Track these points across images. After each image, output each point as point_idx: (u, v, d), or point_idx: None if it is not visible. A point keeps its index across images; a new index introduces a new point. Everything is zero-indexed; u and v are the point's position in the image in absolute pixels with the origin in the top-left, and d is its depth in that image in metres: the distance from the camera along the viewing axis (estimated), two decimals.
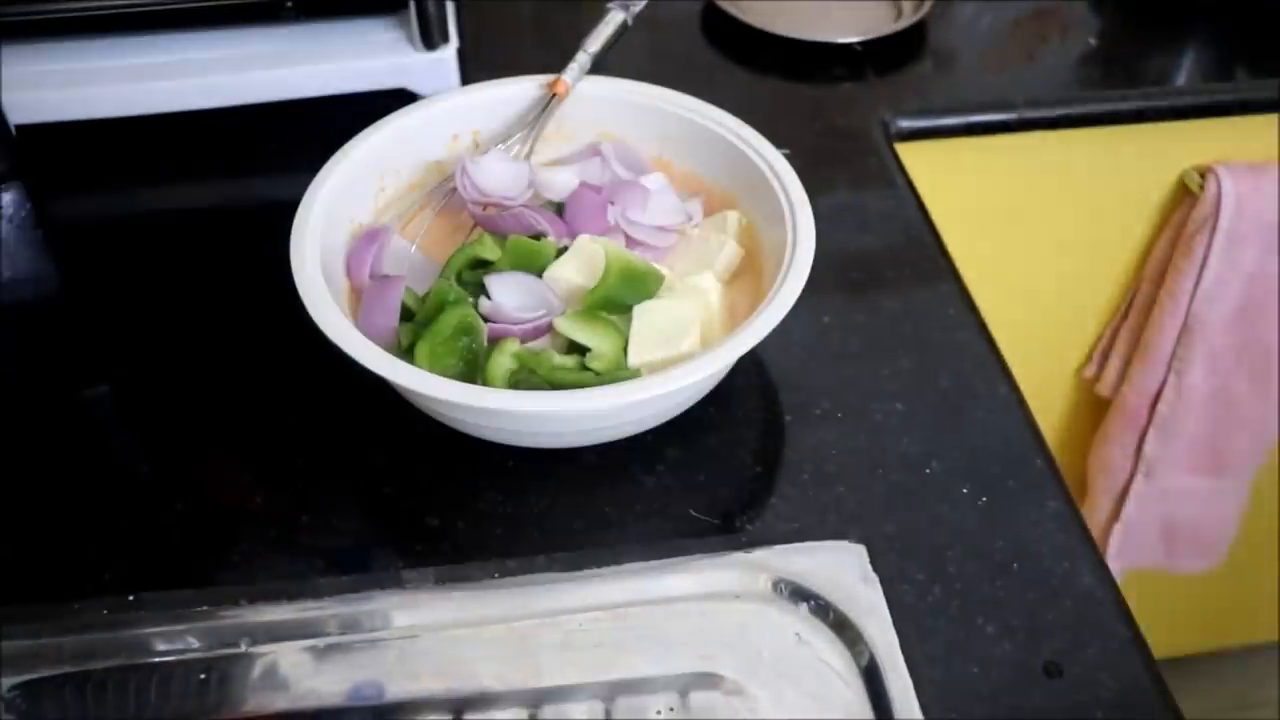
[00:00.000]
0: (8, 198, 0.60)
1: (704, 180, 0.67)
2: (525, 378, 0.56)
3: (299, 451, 0.58)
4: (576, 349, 0.57)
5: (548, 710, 0.56)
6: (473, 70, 0.81)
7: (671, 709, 0.57)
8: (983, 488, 0.57)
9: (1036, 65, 0.92)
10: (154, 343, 0.64)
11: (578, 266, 0.60)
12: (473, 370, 0.56)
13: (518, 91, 0.68)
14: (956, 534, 0.55)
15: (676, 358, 0.56)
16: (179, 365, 0.63)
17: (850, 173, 0.78)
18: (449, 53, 0.76)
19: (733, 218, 0.63)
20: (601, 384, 0.53)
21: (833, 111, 0.84)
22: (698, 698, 0.56)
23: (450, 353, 0.56)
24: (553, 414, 0.53)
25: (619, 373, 0.56)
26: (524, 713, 0.56)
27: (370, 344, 0.53)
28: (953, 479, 0.58)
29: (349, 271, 0.61)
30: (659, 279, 0.60)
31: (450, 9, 0.77)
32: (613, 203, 0.63)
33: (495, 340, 0.57)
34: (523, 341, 0.57)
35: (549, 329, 0.58)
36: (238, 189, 0.77)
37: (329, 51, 0.75)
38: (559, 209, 0.65)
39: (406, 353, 0.57)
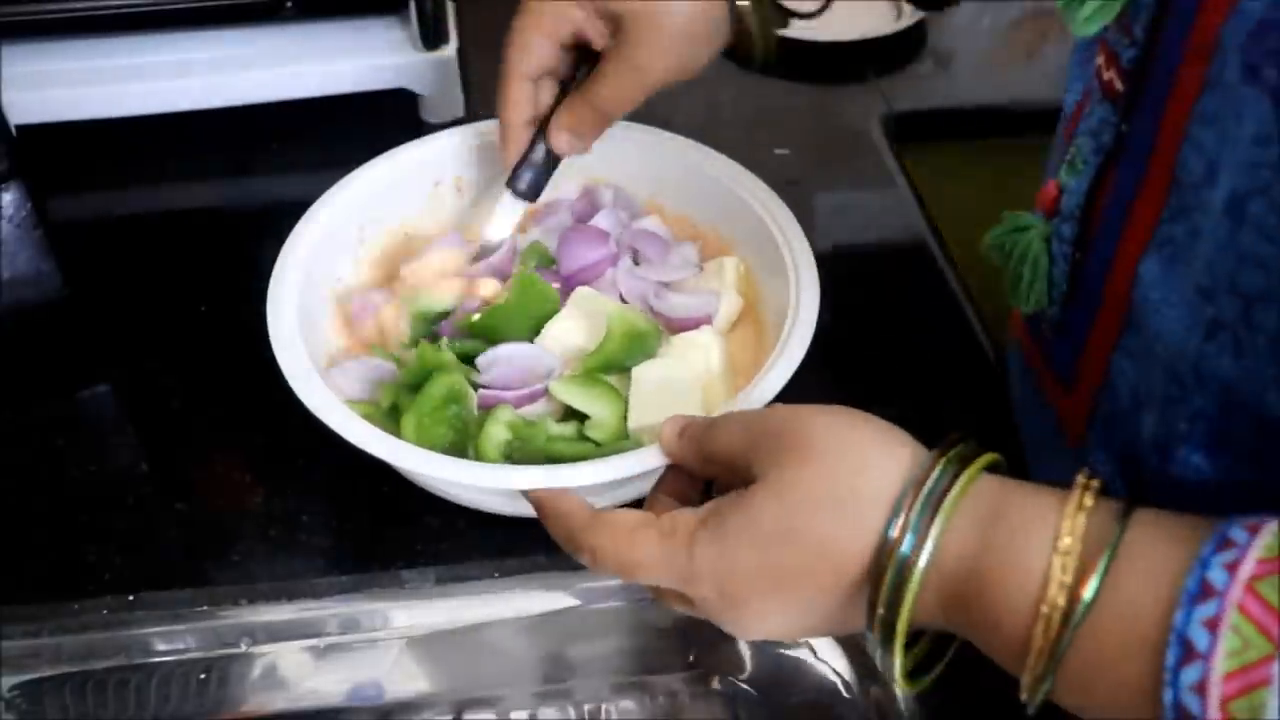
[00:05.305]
0: (8, 197, 0.60)
1: (699, 225, 0.64)
2: (520, 448, 0.52)
3: (299, 451, 0.58)
4: (574, 413, 0.54)
5: (548, 709, 0.56)
6: (473, 70, 0.80)
7: (670, 706, 0.57)
8: None
9: (1036, 65, 0.92)
10: (154, 343, 0.64)
11: (576, 324, 0.57)
12: (463, 439, 0.53)
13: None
14: None
15: None
16: (179, 365, 0.63)
17: (850, 173, 0.78)
18: (449, 53, 0.76)
19: (730, 265, 0.61)
20: (602, 454, 0.50)
21: (833, 111, 0.84)
22: (697, 697, 0.56)
23: (439, 422, 0.53)
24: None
25: (620, 443, 0.52)
26: (524, 712, 0.56)
27: (361, 421, 0.49)
28: None
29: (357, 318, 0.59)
30: (658, 335, 0.57)
31: (450, 9, 0.77)
32: (636, 255, 0.61)
33: (487, 408, 0.53)
34: (516, 408, 0.54)
35: (544, 394, 0.55)
36: (238, 189, 0.77)
37: (329, 52, 0.75)
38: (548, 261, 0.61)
39: (388, 414, 0.54)
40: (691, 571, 0.39)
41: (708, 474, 0.44)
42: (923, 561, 0.35)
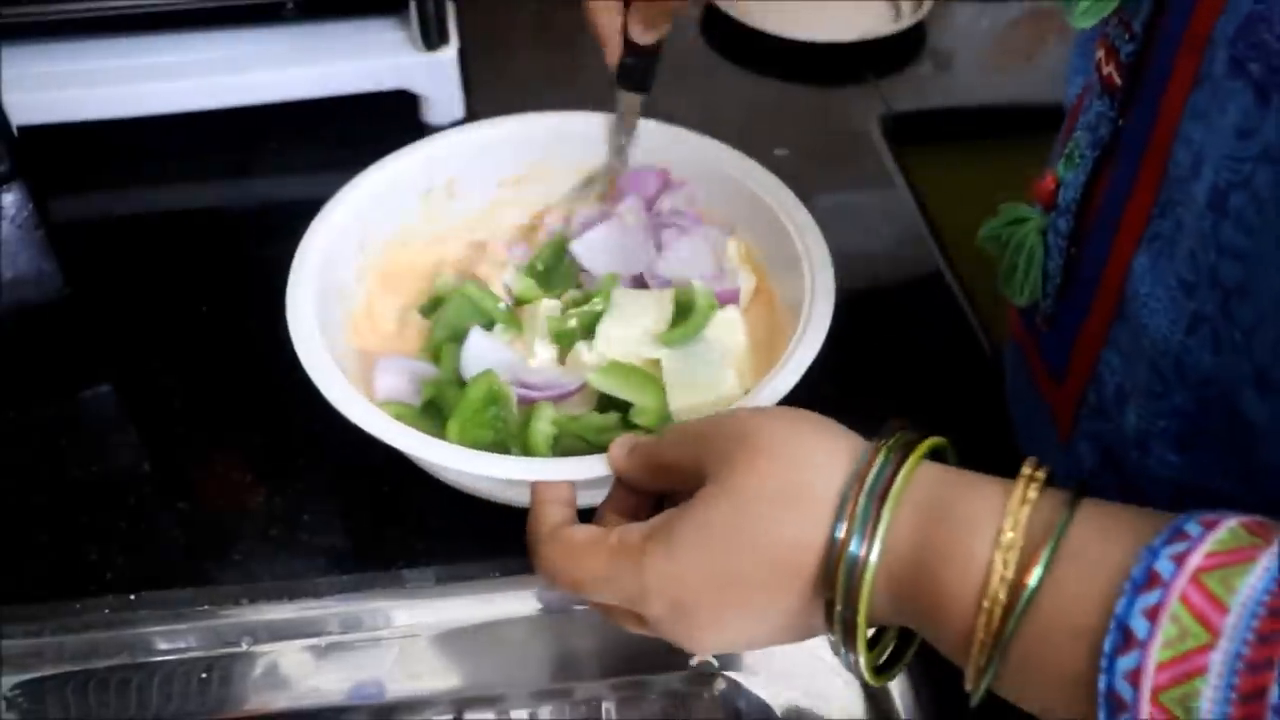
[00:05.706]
0: (9, 198, 0.60)
1: (699, 207, 0.65)
2: (569, 442, 0.53)
3: (299, 451, 0.59)
4: (611, 402, 0.55)
5: (548, 709, 0.56)
6: (473, 71, 0.81)
7: (670, 706, 0.57)
8: None
9: (1035, 66, 0.92)
10: (155, 343, 0.65)
11: (629, 316, 0.57)
12: (504, 439, 0.54)
13: (489, 135, 0.65)
14: None
15: (719, 401, 0.54)
16: (180, 365, 0.63)
17: (850, 173, 0.78)
18: (450, 53, 0.76)
19: (732, 246, 0.62)
20: None
21: (833, 111, 0.84)
22: (696, 695, 0.57)
23: (480, 425, 0.53)
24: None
25: (666, 426, 0.52)
26: (524, 712, 0.56)
27: (398, 426, 0.50)
28: None
29: None
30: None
31: (451, 9, 0.77)
32: (658, 243, 0.62)
33: (527, 406, 0.54)
34: (556, 404, 0.55)
35: (577, 391, 0.55)
36: (239, 189, 0.77)
37: (330, 52, 0.75)
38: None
39: (424, 409, 0.55)
40: (641, 587, 0.38)
41: (659, 488, 0.44)
42: (874, 558, 0.35)
